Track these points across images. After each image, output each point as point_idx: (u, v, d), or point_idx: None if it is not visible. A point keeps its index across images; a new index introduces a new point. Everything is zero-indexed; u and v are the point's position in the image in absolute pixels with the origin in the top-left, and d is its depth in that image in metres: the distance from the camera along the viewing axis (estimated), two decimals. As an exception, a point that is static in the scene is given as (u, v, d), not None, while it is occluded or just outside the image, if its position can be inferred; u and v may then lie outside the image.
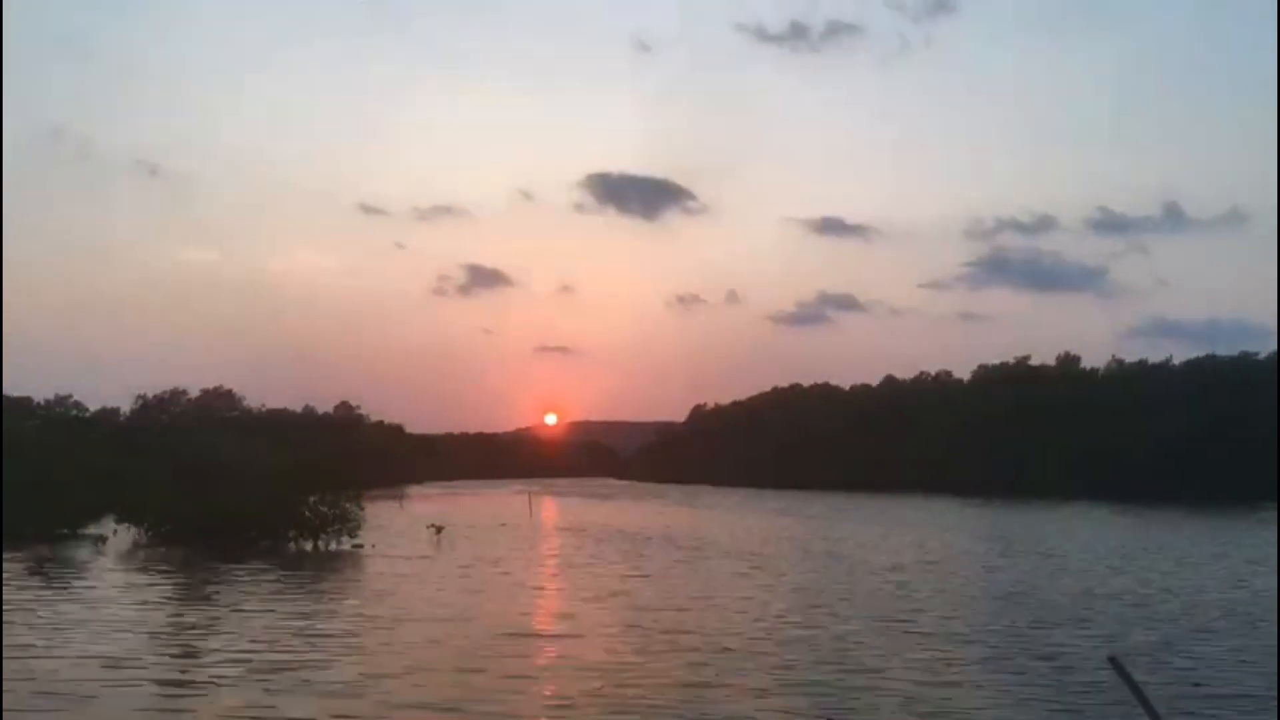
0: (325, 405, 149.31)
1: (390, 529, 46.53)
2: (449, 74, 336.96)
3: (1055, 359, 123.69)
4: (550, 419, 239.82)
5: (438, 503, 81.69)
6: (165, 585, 27.15)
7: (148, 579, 28.47)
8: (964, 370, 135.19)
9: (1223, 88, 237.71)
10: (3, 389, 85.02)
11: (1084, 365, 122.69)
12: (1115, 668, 5.81)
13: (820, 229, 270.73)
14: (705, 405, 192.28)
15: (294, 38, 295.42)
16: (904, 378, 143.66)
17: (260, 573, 29.54)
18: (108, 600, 23.55)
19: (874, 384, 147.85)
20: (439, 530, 43.35)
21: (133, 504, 40.96)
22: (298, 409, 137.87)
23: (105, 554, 35.37)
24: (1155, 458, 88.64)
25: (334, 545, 38.39)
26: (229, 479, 39.12)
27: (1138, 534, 46.77)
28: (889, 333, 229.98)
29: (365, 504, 42.27)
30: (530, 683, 14.64)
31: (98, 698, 13.54)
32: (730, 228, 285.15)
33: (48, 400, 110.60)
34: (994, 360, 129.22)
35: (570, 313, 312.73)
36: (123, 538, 39.69)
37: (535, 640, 18.41)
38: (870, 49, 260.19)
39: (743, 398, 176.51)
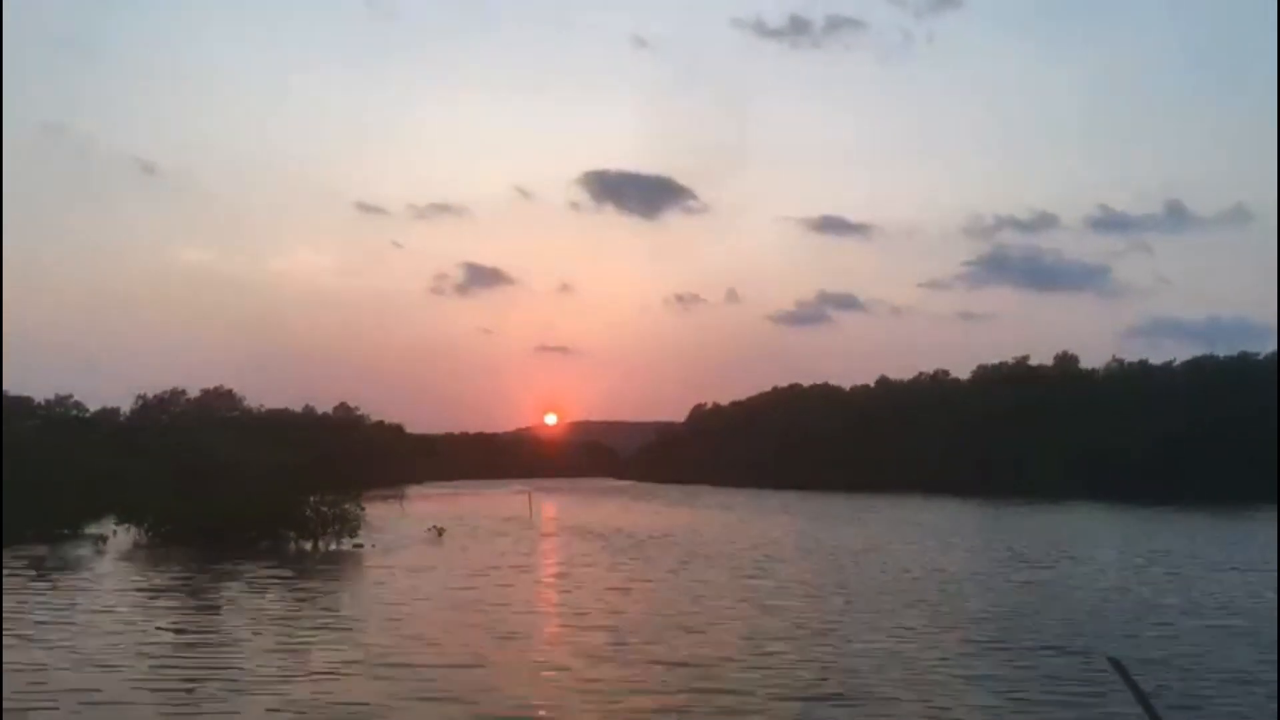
0: (325, 405, 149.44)
1: (390, 529, 46.52)
2: (446, 71, 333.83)
3: (1053, 358, 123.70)
4: (550, 419, 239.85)
5: (438, 503, 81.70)
6: (165, 585, 27.16)
7: (148, 579, 28.49)
8: (965, 369, 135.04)
9: (1226, 85, 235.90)
10: (3, 389, 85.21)
11: (1084, 365, 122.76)
12: (1115, 668, 5.82)
13: (820, 227, 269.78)
14: (705, 405, 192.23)
15: (291, 36, 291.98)
16: (904, 377, 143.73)
17: (260, 573, 29.55)
18: (107, 600, 23.57)
19: (874, 384, 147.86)
20: (440, 531, 43.39)
21: (133, 504, 41.01)
22: (298, 409, 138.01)
23: (105, 554, 35.39)
24: (1155, 458, 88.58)
25: (334, 545, 38.40)
26: (229, 479, 39.26)
27: (1137, 534, 46.77)
28: (889, 332, 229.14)
29: (365, 504, 42.30)
30: (529, 683, 14.66)
31: (97, 698, 13.55)
32: (730, 226, 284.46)
33: (48, 400, 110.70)
34: (995, 360, 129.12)
35: (569, 312, 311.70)
36: (123, 538, 39.70)
37: (535, 640, 18.42)
38: (872, 44, 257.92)
39: (743, 398, 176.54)
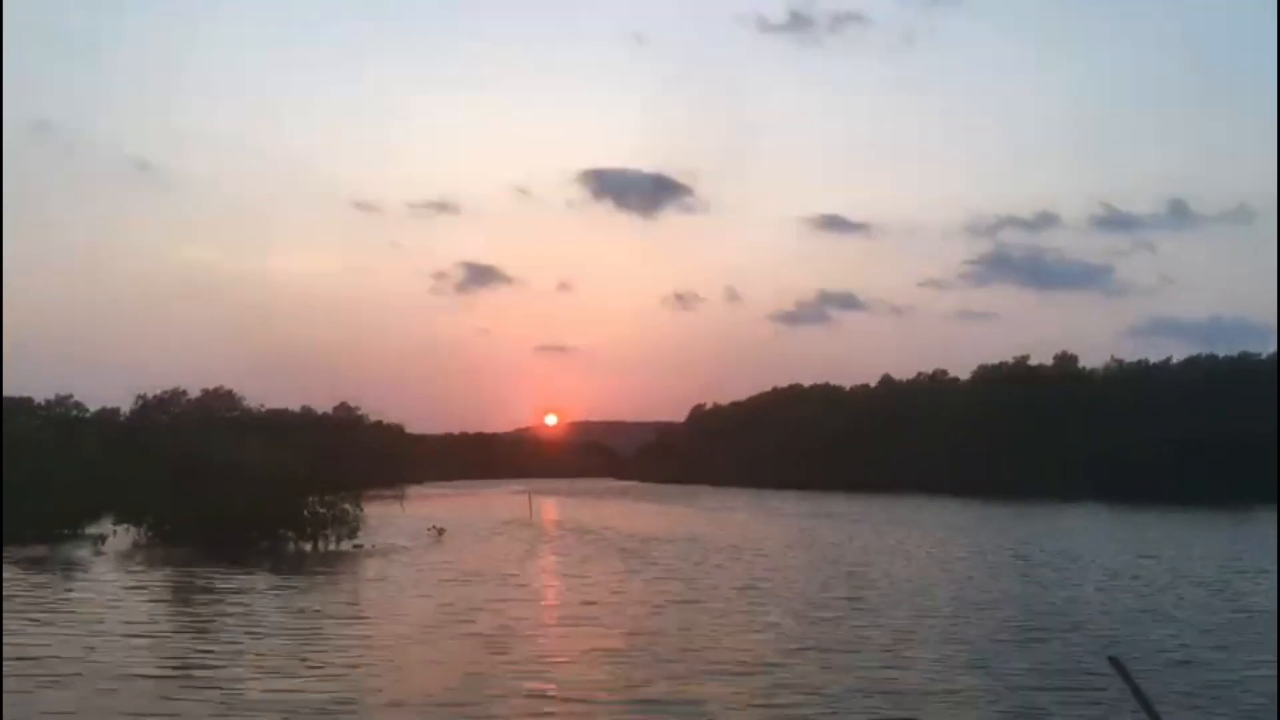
0: (324, 405, 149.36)
1: (390, 530, 46.48)
2: (442, 68, 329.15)
3: (1053, 359, 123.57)
4: (550, 419, 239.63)
5: (438, 503, 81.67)
6: (165, 585, 27.17)
7: (147, 579, 28.49)
8: (967, 368, 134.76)
9: (1230, 83, 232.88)
10: (2, 389, 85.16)
11: (1085, 364, 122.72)
12: (1115, 668, 5.81)
13: (821, 226, 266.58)
14: (705, 405, 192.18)
15: (284, 31, 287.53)
16: (905, 377, 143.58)
17: (260, 573, 29.56)
18: (107, 600, 23.56)
19: (874, 384, 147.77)
20: (439, 531, 43.37)
21: (133, 504, 40.96)
22: (297, 409, 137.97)
23: (105, 554, 35.37)
24: (1155, 458, 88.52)
25: (334, 546, 38.38)
26: (229, 479, 39.11)
27: (1137, 534, 46.76)
28: (890, 331, 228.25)
29: (365, 504, 42.24)
30: (529, 684, 14.64)
31: (97, 697, 13.54)
32: (729, 225, 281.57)
33: (48, 400, 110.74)
34: (997, 359, 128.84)
35: (568, 311, 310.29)
36: (123, 538, 39.67)
37: (534, 640, 18.40)
38: (874, 41, 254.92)
39: (743, 397, 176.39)
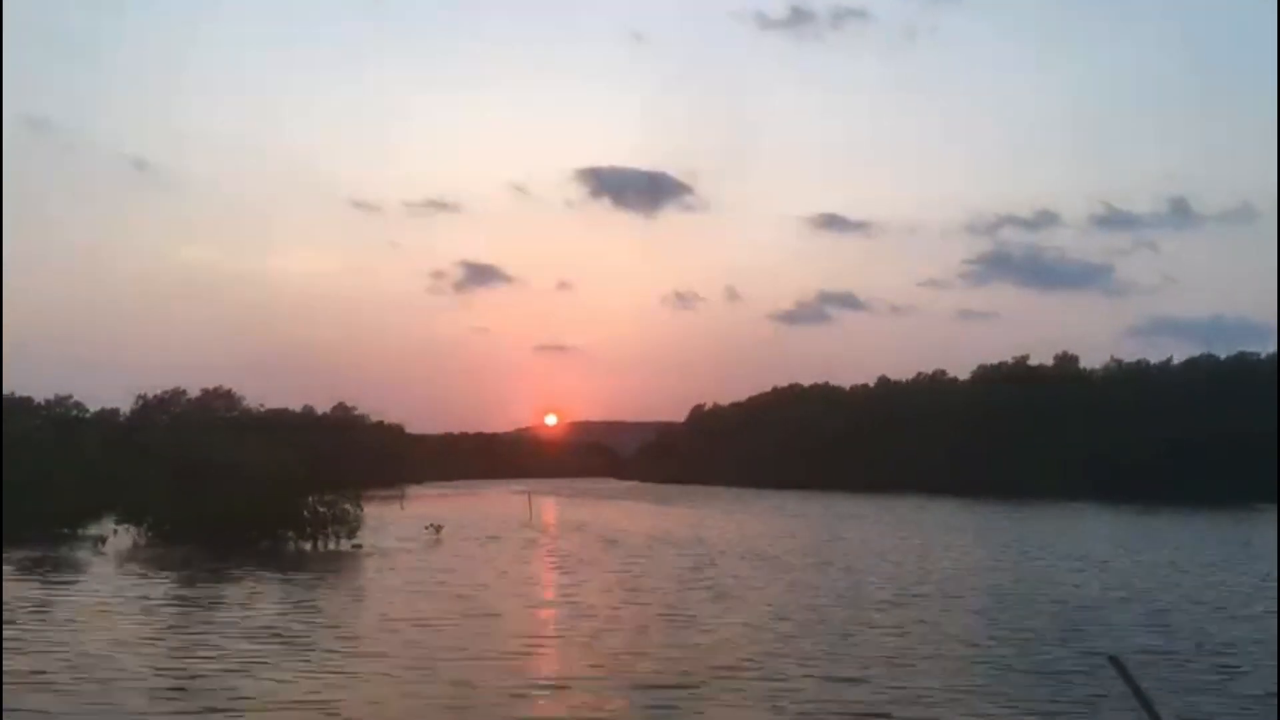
0: (324, 405, 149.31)
1: (389, 530, 46.48)
2: (441, 67, 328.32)
3: (1053, 358, 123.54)
4: (550, 419, 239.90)
5: (437, 503, 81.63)
6: (165, 585, 27.16)
7: (147, 579, 28.49)
8: (967, 367, 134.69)
9: (1232, 81, 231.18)
10: (2, 389, 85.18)
11: (1085, 364, 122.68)
12: (1116, 668, 5.81)
13: (821, 225, 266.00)
14: (705, 405, 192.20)
15: (284, 31, 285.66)
16: (905, 377, 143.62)
17: (259, 573, 29.55)
18: (107, 600, 23.55)
19: (874, 384, 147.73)
20: (438, 530, 43.38)
21: (133, 504, 40.96)
22: (297, 409, 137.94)
23: (105, 554, 35.36)
24: (1155, 458, 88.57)
25: (333, 545, 38.38)
26: (229, 479, 39.09)
27: (1137, 534, 46.77)
28: (890, 331, 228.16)
29: (365, 504, 42.25)
30: (528, 683, 14.65)
31: (97, 698, 13.54)
32: (729, 224, 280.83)
33: (48, 400, 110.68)
34: (997, 359, 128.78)
35: (568, 310, 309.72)
36: (123, 538, 39.66)
37: (533, 640, 18.41)
38: (875, 37, 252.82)
39: (742, 397, 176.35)
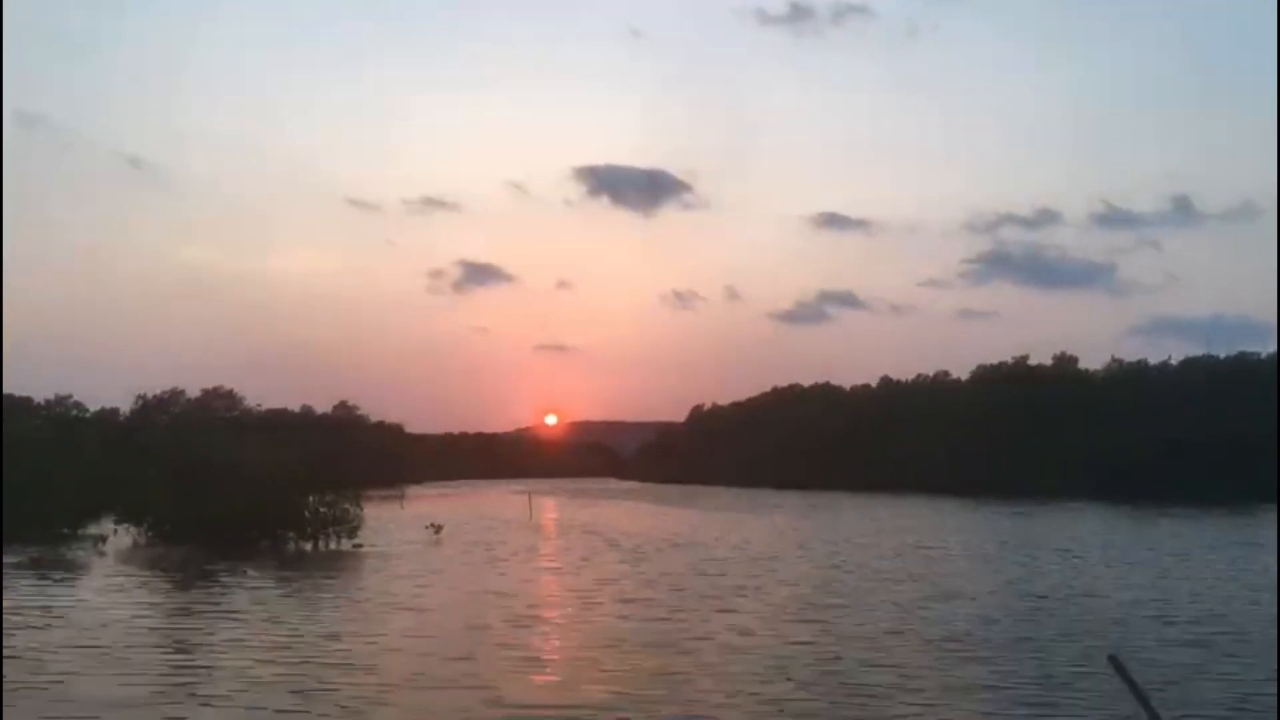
0: (324, 405, 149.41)
1: (389, 530, 46.50)
2: (437, 64, 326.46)
3: (1052, 359, 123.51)
4: (550, 419, 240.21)
5: (437, 503, 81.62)
6: (165, 585, 27.19)
7: (147, 579, 28.51)
8: (967, 367, 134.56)
9: (1234, 79, 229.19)
10: (2, 389, 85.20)
11: (1086, 364, 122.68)
12: (1115, 668, 5.81)
13: (821, 224, 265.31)
14: (705, 405, 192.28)
15: (279, 28, 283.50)
16: (905, 376, 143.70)
17: (259, 573, 29.56)
18: (107, 600, 23.56)
19: (874, 384, 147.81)
20: (438, 530, 43.39)
21: (133, 504, 40.99)
22: (297, 409, 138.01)
23: (105, 554, 35.39)
24: (1155, 458, 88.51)
25: (333, 545, 38.38)
26: (229, 479, 39.14)
27: (1137, 534, 46.75)
28: (890, 330, 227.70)
29: (365, 504, 42.29)
30: (527, 684, 14.65)
31: (96, 698, 13.54)
32: (729, 222, 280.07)
33: (48, 400, 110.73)
34: (998, 358, 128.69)
35: (567, 309, 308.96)
36: (123, 538, 39.71)
37: (531, 641, 18.41)
38: (876, 34, 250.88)
39: (742, 397, 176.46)
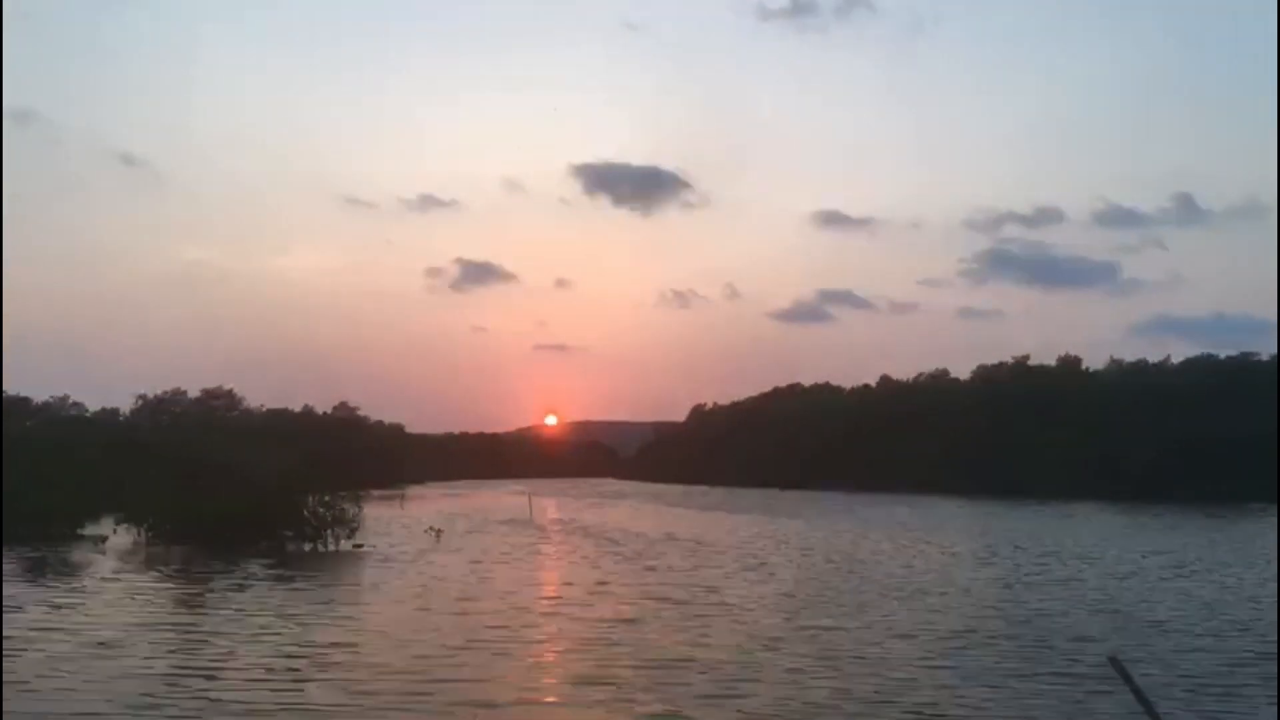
0: (325, 405, 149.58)
1: (389, 530, 46.51)
2: (432, 60, 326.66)
3: (1056, 359, 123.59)
4: (550, 419, 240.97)
5: (438, 503, 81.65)
6: (165, 585, 27.17)
7: (147, 579, 28.50)
8: (968, 366, 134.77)
9: (1236, 76, 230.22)
10: (2, 389, 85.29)
11: (1087, 363, 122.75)
12: (1115, 668, 5.81)
13: (821, 222, 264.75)
14: (705, 405, 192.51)
15: (273, 25, 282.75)
16: (906, 375, 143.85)
17: (259, 573, 29.54)
18: (107, 600, 23.56)
19: (874, 384, 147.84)
20: (438, 532, 43.41)
21: (132, 504, 40.99)
22: (297, 409, 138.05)
23: (105, 554, 35.38)
24: (1156, 458, 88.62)
25: (333, 546, 38.37)
26: (229, 479, 39.20)
27: (1136, 534, 46.77)
28: (891, 329, 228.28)
29: (365, 504, 42.28)
30: (527, 685, 14.65)
31: (97, 697, 13.54)
32: (728, 221, 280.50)
33: (48, 400, 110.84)
34: (1001, 356, 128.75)
35: (566, 308, 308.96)
36: (123, 538, 39.70)
37: (531, 641, 18.40)
38: (878, 29, 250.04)
39: (742, 397, 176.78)
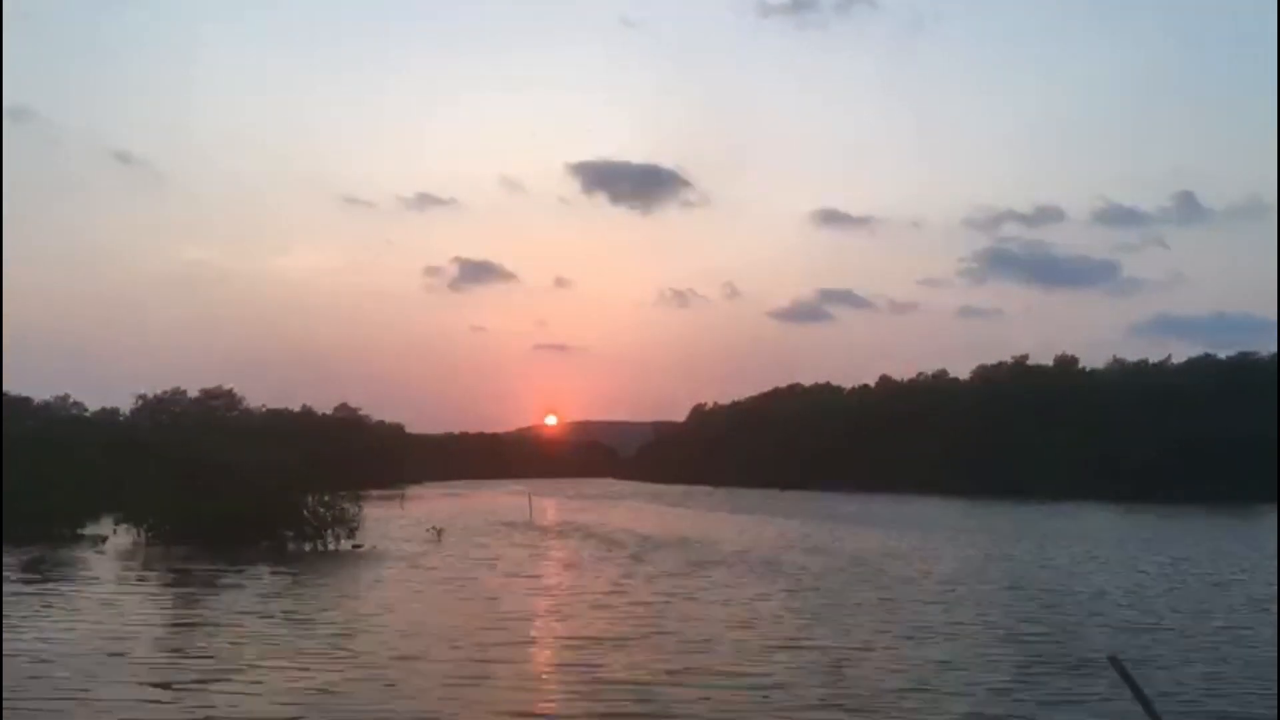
0: (325, 405, 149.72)
1: (389, 530, 46.51)
2: (430, 59, 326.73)
3: (1054, 359, 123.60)
4: (550, 419, 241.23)
5: (437, 503, 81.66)
6: (165, 586, 27.16)
7: (147, 579, 28.50)
8: (967, 366, 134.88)
9: (1237, 74, 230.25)
10: (2, 389, 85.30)
11: (1087, 362, 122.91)
12: (1115, 667, 5.81)
13: (821, 221, 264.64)
14: (705, 405, 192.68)
15: (271, 24, 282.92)
16: (906, 375, 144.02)
17: (259, 573, 29.54)
18: (107, 600, 23.55)
19: (874, 384, 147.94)
20: (438, 532, 43.41)
21: (133, 504, 41.00)
22: (297, 409, 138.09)
23: (105, 554, 35.38)
24: (1156, 458, 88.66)
25: (333, 546, 38.37)
26: (229, 479, 39.18)
27: (1137, 534, 46.78)
28: (891, 329, 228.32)
29: (365, 504, 42.29)
30: (526, 684, 14.64)
31: (96, 698, 13.53)
32: (728, 220, 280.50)
33: (48, 400, 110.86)
34: (1000, 356, 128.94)
35: (566, 308, 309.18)
36: (123, 538, 39.71)
37: (530, 643, 18.40)
38: (879, 26, 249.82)
39: (742, 396, 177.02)
